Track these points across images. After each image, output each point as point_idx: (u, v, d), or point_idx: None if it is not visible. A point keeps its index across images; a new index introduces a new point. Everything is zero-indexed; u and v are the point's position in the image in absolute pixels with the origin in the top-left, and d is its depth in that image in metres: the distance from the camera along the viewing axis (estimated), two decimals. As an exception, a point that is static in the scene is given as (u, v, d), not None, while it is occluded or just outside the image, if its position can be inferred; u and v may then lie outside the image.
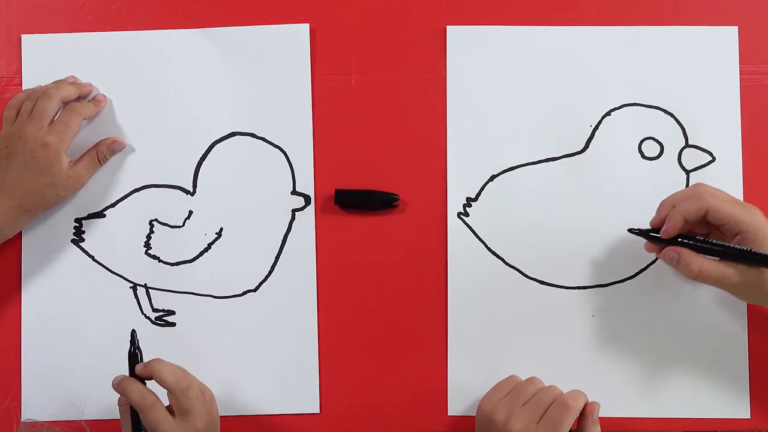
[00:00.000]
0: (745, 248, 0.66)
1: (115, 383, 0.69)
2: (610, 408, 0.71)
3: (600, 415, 0.70)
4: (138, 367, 0.69)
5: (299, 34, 0.79)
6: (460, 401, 0.76)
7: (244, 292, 0.78)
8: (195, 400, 0.69)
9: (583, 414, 0.70)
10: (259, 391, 0.77)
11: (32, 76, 0.79)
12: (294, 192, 0.79)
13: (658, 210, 0.70)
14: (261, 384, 0.77)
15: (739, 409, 0.75)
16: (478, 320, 0.77)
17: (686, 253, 0.68)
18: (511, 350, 0.76)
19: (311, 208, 0.78)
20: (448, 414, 0.76)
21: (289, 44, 0.79)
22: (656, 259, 0.76)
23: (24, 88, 0.79)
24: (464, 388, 0.76)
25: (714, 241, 0.68)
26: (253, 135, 0.79)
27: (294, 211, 0.78)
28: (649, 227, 0.71)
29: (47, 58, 0.80)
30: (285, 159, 0.79)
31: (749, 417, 0.75)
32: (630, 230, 0.72)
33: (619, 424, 0.75)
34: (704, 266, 0.67)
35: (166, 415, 0.68)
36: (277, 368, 0.77)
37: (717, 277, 0.67)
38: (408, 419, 0.77)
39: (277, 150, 0.79)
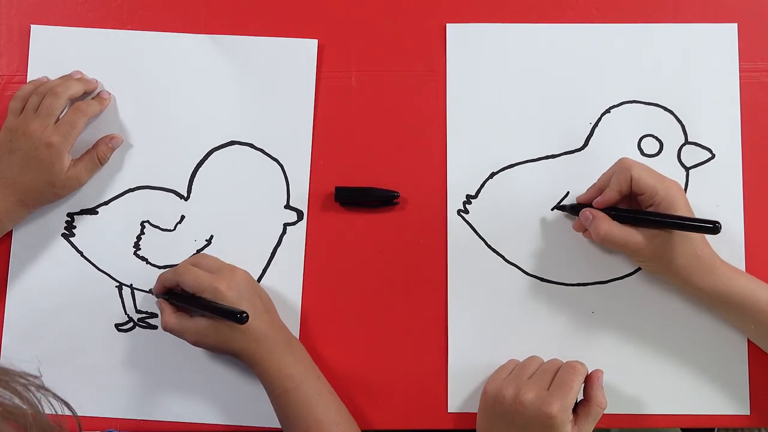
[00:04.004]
0: (653, 212, 0.69)
1: (168, 273, 0.73)
2: (610, 405, 0.71)
3: (599, 412, 0.70)
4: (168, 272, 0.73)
5: (307, 49, 0.79)
6: (460, 398, 0.76)
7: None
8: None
9: (589, 380, 0.71)
10: (244, 399, 0.76)
11: (38, 67, 0.79)
12: (287, 206, 0.78)
13: (589, 189, 0.74)
14: (245, 393, 0.76)
15: (739, 405, 0.75)
16: (478, 317, 0.77)
17: (600, 216, 0.71)
18: (511, 347, 0.76)
19: (303, 223, 0.78)
20: (449, 411, 0.76)
21: (296, 58, 0.79)
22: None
23: (29, 78, 0.79)
24: (464, 385, 0.76)
25: (626, 208, 0.71)
26: (251, 145, 0.79)
27: (285, 225, 0.78)
28: (576, 203, 0.75)
29: (54, 50, 0.80)
30: (281, 172, 0.78)
31: (749, 414, 0.75)
32: (556, 207, 0.76)
33: (618, 420, 0.76)
34: (612, 230, 0.70)
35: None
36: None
37: (622, 240, 0.70)
38: (408, 416, 0.76)
39: (274, 162, 0.79)
